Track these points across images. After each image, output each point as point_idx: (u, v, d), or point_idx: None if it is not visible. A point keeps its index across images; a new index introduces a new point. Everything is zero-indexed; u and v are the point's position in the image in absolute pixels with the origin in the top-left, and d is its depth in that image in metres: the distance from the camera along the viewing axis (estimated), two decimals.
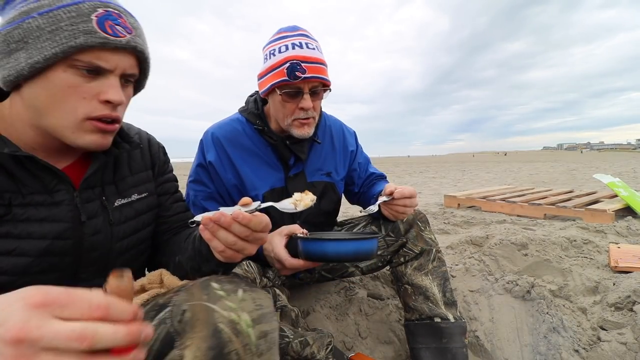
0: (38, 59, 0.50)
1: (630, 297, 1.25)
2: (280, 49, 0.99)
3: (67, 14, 0.50)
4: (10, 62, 0.51)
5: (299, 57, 0.97)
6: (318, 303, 1.41)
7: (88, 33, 0.51)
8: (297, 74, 0.96)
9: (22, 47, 0.50)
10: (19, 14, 0.51)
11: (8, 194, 0.54)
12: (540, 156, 37.71)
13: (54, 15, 0.50)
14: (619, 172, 8.33)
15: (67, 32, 0.50)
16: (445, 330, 1.02)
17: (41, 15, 0.50)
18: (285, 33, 1.03)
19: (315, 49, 1.01)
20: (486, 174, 9.94)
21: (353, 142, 1.32)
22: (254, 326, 0.48)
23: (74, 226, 0.60)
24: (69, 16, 0.50)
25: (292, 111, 1.02)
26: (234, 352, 0.45)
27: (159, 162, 0.82)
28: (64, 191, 0.60)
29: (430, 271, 1.09)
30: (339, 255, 0.82)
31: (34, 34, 0.50)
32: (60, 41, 0.50)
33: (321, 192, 1.18)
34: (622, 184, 3.59)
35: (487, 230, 2.32)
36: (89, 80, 0.54)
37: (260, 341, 0.48)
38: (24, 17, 0.50)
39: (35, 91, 0.53)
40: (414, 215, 1.14)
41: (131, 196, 0.71)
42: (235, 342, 0.46)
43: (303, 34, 1.03)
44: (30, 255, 0.55)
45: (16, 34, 0.50)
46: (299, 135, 1.04)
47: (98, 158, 0.65)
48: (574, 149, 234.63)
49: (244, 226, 0.52)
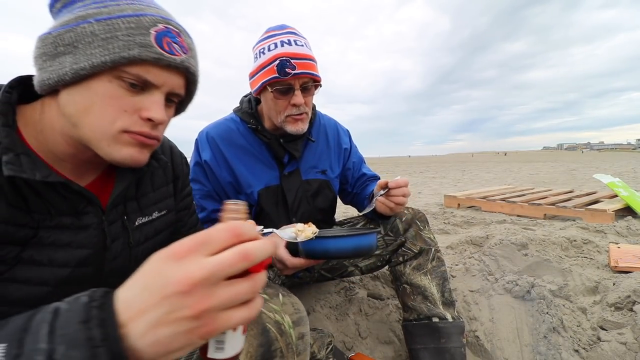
0: (84, 65, 0.47)
1: (630, 297, 1.25)
2: (269, 47, 1.01)
3: (126, 24, 0.48)
4: (54, 66, 0.48)
5: (288, 54, 0.98)
6: (318, 303, 1.41)
7: (144, 46, 0.48)
8: (287, 71, 0.97)
9: (71, 51, 0.48)
10: (75, 17, 0.48)
11: (37, 215, 0.49)
12: (540, 156, 37.70)
13: (111, 23, 0.48)
14: (619, 172, 8.32)
15: (122, 42, 0.47)
16: (443, 330, 1.02)
17: (98, 21, 0.48)
18: (274, 32, 1.04)
19: (304, 45, 1.02)
20: (486, 174, 9.94)
21: (347, 140, 1.33)
22: (294, 327, 0.52)
23: (96, 252, 0.56)
24: (127, 27, 0.48)
25: (284, 108, 1.03)
26: (278, 349, 0.49)
27: (182, 175, 0.77)
28: (92, 214, 0.55)
29: (429, 271, 1.09)
30: (340, 252, 0.82)
31: (86, 39, 0.47)
32: (113, 50, 0.47)
33: (316, 190, 1.19)
34: (622, 184, 3.58)
35: (487, 230, 2.32)
36: (132, 94, 0.50)
37: (299, 341, 0.52)
38: (80, 22, 0.48)
39: (73, 99, 0.49)
40: (413, 215, 1.14)
41: (152, 214, 0.67)
42: (280, 340, 0.50)
43: (291, 32, 1.04)
44: (49, 284, 0.50)
45: (67, 37, 0.48)
46: (293, 131, 1.05)
47: (125, 175, 0.60)
48: (574, 149, 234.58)
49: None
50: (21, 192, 0.47)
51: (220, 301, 0.30)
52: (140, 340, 0.29)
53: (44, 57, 0.49)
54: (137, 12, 0.49)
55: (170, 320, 0.29)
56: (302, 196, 1.16)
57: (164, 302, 0.29)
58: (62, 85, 0.49)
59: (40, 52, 0.49)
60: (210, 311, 0.29)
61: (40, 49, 0.49)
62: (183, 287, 0.28)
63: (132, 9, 0.49)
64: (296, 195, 1.14)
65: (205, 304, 0.29)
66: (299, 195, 1.15)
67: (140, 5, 0.51)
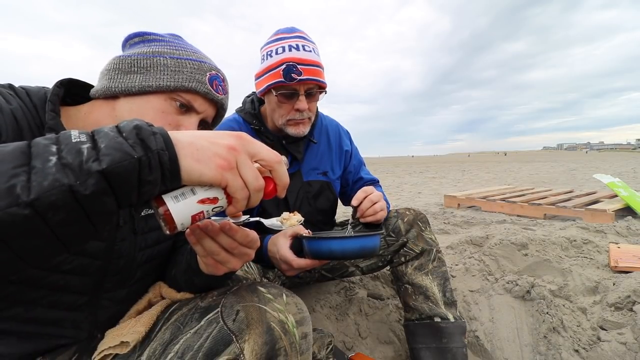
0: (151, 84, 0.62)
1: (630, 297, 1.25)
2: (277, 50, 1.01)
3: (191, 65, 0.65)
4: (124, 79, 0.62)
5: (295, 59, 0.98)
6: (318, 303, 1.41)
7: (200, 82, 0.65)
8: (292, 76, 0.97)
9: (143, 72, 0.63)
10: (152, 51, 0.65)
11: None
12: (540, 156, 37.71)
13: (181, 62, 0.65)
14: (619, 172, 8.33)
15: (186, 76, 0.64)
16: (445, 330, 1.02)
17: (172, 58, 0.64)
18: (283, 35, 1.04)
19: (312, 51, 1.02)
20: (486, 174, 9.94)
21: (348, 142, 1.33)
22: (298, 327, 0.54)
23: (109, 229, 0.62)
24: (192, 67, 0.65)
25: (287, 112, 1.03)
26: (282, 348, 0.51)
27: None
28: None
29: (430, 271, 1.09)
30: (344, 253, 0.83)
31: (159, 68, 0.63)
32: (177, 80, 0.63)
33: (317, 191, 1.19)
34: (622, 184, 3.59)
35: (487, 230, 2.32)
36: (178, 113, 0.64)
37: (302, 341, 0.54)
38: (157, 55, 0.64)
39: (130, 106, 0.62)
40: (414, 216, 1.14)
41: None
42: (284, 339, 0.51)
43: (300, 36, 1.04)
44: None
45: (144, 62, 0.63)
46: (294, 134, 1.06)
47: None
48: (574, 149, 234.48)
49: (230, 237, 0.53)
50: None
51: (244, 160, 0.41)
52: (184, 138, 0.39)
53: (117, 71, 0.63)
54: (200, 59, 0.67)
55: (212, 140, 0.40)
56: (303, 197, 1.16)
57: (216, 135, 0.41)
58: (126, 94, 0.62)
59: (115, 67, 0.64)
60: (235, 157, 0.41)
61: (116, 65, 0.64)
62: (233, 138, 0.42)
63: (196, 57, 0.67)
64: (297, 197, 1.15)
65: (239, 149, 0.41)
66: (300, 197, 1.15)
67: (202, 56, 0.69)
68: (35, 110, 0.58)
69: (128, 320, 0.63)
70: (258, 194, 0.43)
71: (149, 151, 0.36)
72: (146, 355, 0.54)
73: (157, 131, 0.38)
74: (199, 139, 0.40)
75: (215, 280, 0.64)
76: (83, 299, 0.61)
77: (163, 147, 0.37)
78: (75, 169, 0.32)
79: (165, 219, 0.40)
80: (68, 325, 0.61)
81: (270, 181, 0.45)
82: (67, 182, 0.31)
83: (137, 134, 0.36)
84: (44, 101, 0.59)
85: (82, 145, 0.34)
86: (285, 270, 0.92)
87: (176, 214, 0.40)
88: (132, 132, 0.36)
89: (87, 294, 0.61)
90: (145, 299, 0.69)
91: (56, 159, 0.32)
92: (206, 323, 0.53)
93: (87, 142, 0.34)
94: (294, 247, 0.91)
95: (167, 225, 0.40)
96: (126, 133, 0.36)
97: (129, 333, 0.58)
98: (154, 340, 0.56)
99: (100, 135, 0.35)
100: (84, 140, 0.34)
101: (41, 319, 0.57)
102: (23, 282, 0.54)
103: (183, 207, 0.40)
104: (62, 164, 0.32)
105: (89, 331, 0.63)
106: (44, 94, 0.60)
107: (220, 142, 0.40)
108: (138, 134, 0.36)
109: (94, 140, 0.35)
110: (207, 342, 0.50)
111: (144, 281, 0.71)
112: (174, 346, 0.52)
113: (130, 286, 0.68)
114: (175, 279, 0.70)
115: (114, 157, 0.33)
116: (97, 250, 0.60)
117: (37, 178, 0.31)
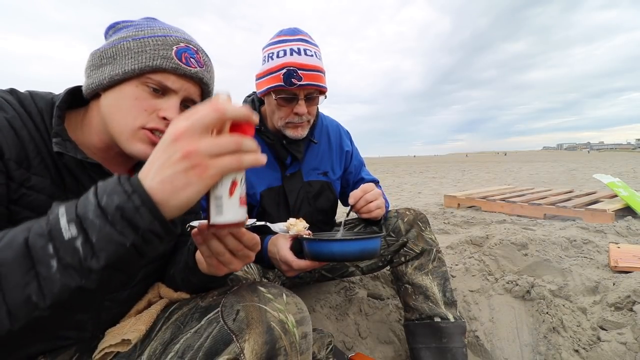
0: (118, 72, 0.59)
1: (630, 297, 1.25)
2: (278, 53, 1.01)
3: (154, 42, 0.60)
4: (97, 74, 0.61)
5: (296, 64, 0.98)
6: (318, 303, 1.41)
7: (165, 58, 0.60)
8: (293, 81, 0.97)
9: (110, 62, 0.60)
10: (118, 38, 0.62)
11: (71, 194, 0.58)
12: (540, 156, 37.71)
13: (143, 41, 0.60)
14: (619, 172, 8.33)
15: (149, 55, 0.59)
16: (445, 330, 1.03)
17: (134, 40, 0.60)
18: (285, 37, 1.04)
19: (314, 55, 1.02)
20: (486, 174, 9.94)
21: (348, 142, 1.33)
22: (298, 327, 0.54)
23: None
24: (155, 43, 0.60)
25: (286, 115, 1.04)
26: (282, 348, 0.51)
27: None
28: None
29: (430, 271, 1.09)
30: (345, 255, 0.83)
31: (123, 53, 0.60)
32: (141, 61, 0.59)
33: (318, 191, 1.19)
34: (622, 184, 3.59)
35: (487, 230, 2.32)
36: (154, 97, 0.61)
37: (302, 340, 0.54)
38: (121, 40, 0.61)
39: (109, 100, 0.61)
40: (414, 216, 1.14)
41: None
42: (284, 339, 0.52)
43: (303, 39, 1.03)
44: None
45: (110, 52, 0.61)
46: (292, 136, 1.06)
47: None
48: (574, 149, 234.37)
49: (237, 239, 0.53)
50: (60, 173, 0.59)
51: (205, 146, 0.38)
52: (152, 181, 0.38)
53: (92, 68, 0.62)
54: (165, 33, 0.62)
55: (170, 163, 0.38)
56: (304, 197, 1.16)
57: (163, 152, 0.39)
58: (102, 89, 0.61)
59: (90, 64, 0.62)
60: (197, 154, 0.37)
61: (90, 61, 0.62)
62: (172, 136, 0.38)
63: (161, 32, 0.63)
64: (298, 197, 1.15)
65: (191, 146, 0.37)
66: (300, 197, 1.15)
67: (169, 30, 0.64)
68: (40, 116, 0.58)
69: (128, 320, 0.63)
70: (244, 144, 0.40)
71: (139, 231, 0.37)
72: (147, 355, 0.54)
73: (139, 203, 0.37)
74: (162, 169, 0.38)
75: (212, 280, 0.64)
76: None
77: (151, 218, 0.37)
78: (77, 268, 0.35)
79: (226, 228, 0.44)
80: (71, 327, 0.61)
81: (236, 127, 0.42)
82: (74, 285, 0.35)
83: (121, 215, 0.36)
84: (51, 106, 0.60)
85: (75, 243, 0.36)
86: (285, 271, 0.92)
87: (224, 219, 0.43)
88: (116, 215, 0.36)
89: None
90: (145, 299, 0.69)
91: (56, 262, 0.35)
92: (206, 322, 0.53)
93: (79, 236, 0.36)
94: (294, 247, 0.91)
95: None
96: (111, 216, 0.36)
97: (130, 331, 0.58)
98: (155, 339, 0.56)
99: (88, 224, 0.36)
100: (75, 235, 0.36)
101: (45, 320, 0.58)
102: None
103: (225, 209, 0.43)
104: (64, 266, 0.35)
105: (92, 332, 0.63)
106: (52, 99, 0.62)
107: (173, 157, 0.38)
108: (123, 215, 0.36)
109: (84, 232, 0.36)
110: (208, 341, 0.50)
111: (146, 282, 0.71)
112: (175, 345, 0.52)
113: (132, 287, 0.68)
114: (173, 278, 0.70)
115: (108, 251, 0.36)
116: None
117: (47, 285, 0.35)
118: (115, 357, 0.57)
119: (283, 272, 0.93)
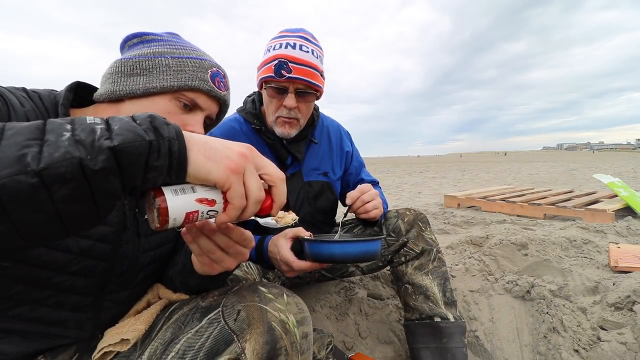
0: (155, 85, 0.63)
1: (630, 297, 1.25)
2: (275, 46, 1.03)
3: (192, 63, 0.66)
4: (127, 82, 0.64)
5: (288, 56, 0.99)
6: (318, 303, 1.41)
7: (202, 80, 0.66)
8: (282, 72, 0.99)
9: (145, 74, 0.64)
10: (152, 52, 0.66)
11: None
12: (540, 156, 37.70)
13: (182, 61, 0.66)
14: (619, 172, 8.33)
15: (188, 75, 0.65)
16: (445, 330, 1.03)
17: (173, 58, 0.66)
18: (286, 33, 1.05)
19: (310, 52, 1.02)
20: (486, 174, 9.94)
21: (349, 143, 1.34)
22: (298, 327, 0.54)
23: (116, 230, 0.62)
24: (193, 65, 0.66)
25: (276, 108, 1.05)
26: (283, 348, 0.51)
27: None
28: None
29: (430, 271, 1.10)
30: (345, 257, 0.83)
31: (161, 68, 0.64)
32: (180, 79, 0.64)
33: (318, 192, 1.19)
34: (622, 184, 3.59)
35: (487, 230, 2.32)
36: (183, 112, 0.66)
37: (303, 341, 0.54)
38: (158, 55, 0.65)
39: (136, 108, 0.63)
40: (414, 216, 1.14)
41: None
42: (284, 339, 0.52)
43: (303, 37, 1.04)
44: (72, 252, 0.57)
45: (146, 64, 0.64)
46: (280, 134, 1.07)
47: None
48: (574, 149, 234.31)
49: (226, 235, 0.53)
50: None
51: (250, 173, 0.42)
52: (198, 140, 0.41)
53: (120, 75, 0.64)
54: (199, 56, 0.68)
55: (225, 146, 0.42)
56: (304, 198, 1.16)
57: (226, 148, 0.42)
58: (130, 97, 0.64)
59: (118, 70, 0.65)
60: (243, 171, 0.41)
61: (118, 68, 0.65)
62: (241, 151, 0.43)
63: (196, 54, 0.68)
64: (298, 197, 1.15)
65: (245, 163, 0.42)
66: (300, 197, 1.15)
67: (201, 53, 0.70)
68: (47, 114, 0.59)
69: (127, 319, 0.63)
70: (256, 205, 0.43)
71: (160, 137, 0.37)
72: (147, 355, 0.54)
73: (171, 123, 0.39)
74: (213, 141, 0.42)
75: (209, 281, 0.64)
76: (87, 300, 0.61)
77: (174, 136, 0.38)
78: (87, 145, 0.33)
79: (160, 211, 0.39)
80: (71, 326, 0.61)
81: (268, 197, 0.46)
82: (78, 155, 0.32)
83: (150, 121, 0.38)
84: (54, 104, 0.61)
85: (95, 125, 0.35)
86: (285, 272, 0.92)
87: (172, 208, 0.39)
88: (145, 120, 0.38)
89: (91, 295, 0.62)
90: (144, 299, 0.69)
91: (70, 134, 0.33)
92: (207, 323, 0.53)
93: (101, 123, 0.36)
94: (294, 248, 0.91)
95: (159, 217, 0.40)
96: (140, 120, 0.38)
97: (129, 331, 0.58)
98: (155, 339, 0.56)
99: (115, 120, 0.37)
100: (98, 122, 0.36)
101: (45, 318, 0.58)
102: (29, 282, 0.54)
103: (180, 202, 0.40)
104: (75, 140, 0.33)
105: (91, 331, 0.63)
106: (54, 98, 0.62)
107: (232, 147, 0.42)
108: (152, 122, 0.38)
109: (107, 123, 0.36)
110: (208, 341, 0.50)
111: (145, 283, 0.72)
112: (175, 345, 0.52)
113: (132, 288, 0.68)
114: (171, 280, 0.71)
115: (126, 136, 0.35)
116: (103, 252, 0.61)
117: (48, 149, 0.32)
118: (116, 357, 0.57)
119: (283, 272, 0.93)
